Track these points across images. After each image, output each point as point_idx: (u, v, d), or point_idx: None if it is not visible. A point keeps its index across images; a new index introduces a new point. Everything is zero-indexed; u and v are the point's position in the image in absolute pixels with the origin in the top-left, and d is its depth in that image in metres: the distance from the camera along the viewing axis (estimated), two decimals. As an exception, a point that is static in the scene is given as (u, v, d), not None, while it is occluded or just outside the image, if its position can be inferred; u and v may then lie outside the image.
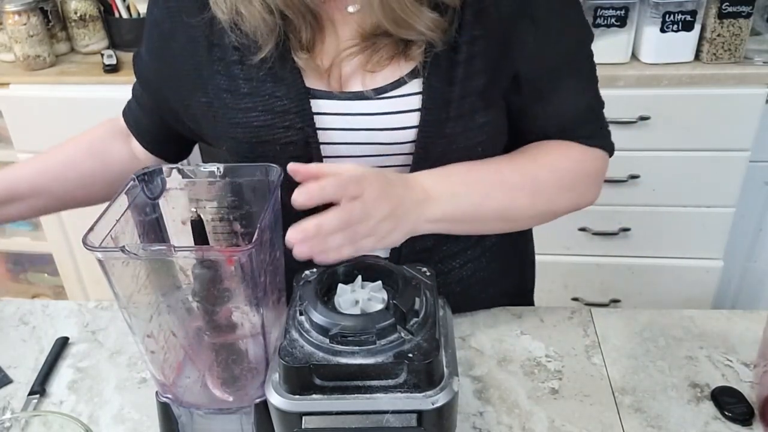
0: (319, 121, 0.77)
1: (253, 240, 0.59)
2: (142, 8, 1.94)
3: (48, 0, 1.92)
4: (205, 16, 0.77)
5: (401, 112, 0.76)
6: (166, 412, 0.71)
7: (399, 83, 0.76)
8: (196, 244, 0.72)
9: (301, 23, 0.75)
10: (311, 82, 0.77)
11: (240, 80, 0.77)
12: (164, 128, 0.91)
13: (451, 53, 0.74)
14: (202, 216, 0.71)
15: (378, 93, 0.76)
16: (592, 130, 0.84)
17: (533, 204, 0.80)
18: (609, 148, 0.86)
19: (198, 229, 0.72)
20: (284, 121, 0.77)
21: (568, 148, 0.83)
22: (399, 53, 0.75)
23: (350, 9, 0.75)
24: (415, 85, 0.76)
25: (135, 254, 0.60)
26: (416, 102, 0.75)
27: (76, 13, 1.93)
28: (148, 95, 0.90)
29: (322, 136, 0.78)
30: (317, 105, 0.77)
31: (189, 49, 0.79)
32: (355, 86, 0.77)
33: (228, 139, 0.80)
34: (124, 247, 0.59)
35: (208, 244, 0.73)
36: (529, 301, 1.04)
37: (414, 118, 0.76)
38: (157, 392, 0.71)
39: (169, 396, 0.70)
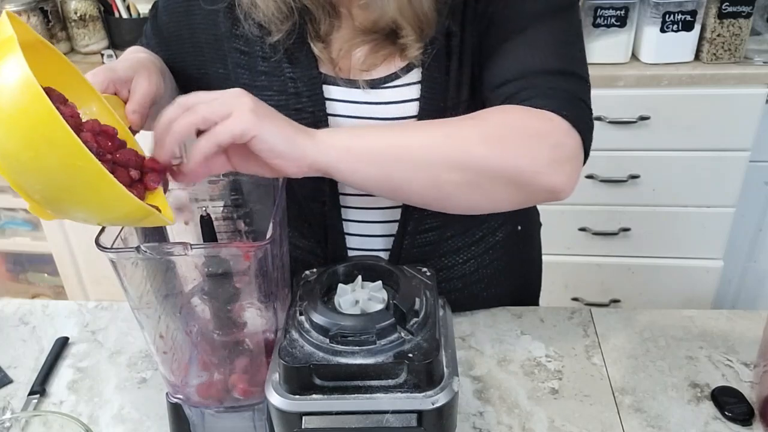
0: (330, 107, 0.78)
1: (269, 235, 0.60)
2: (142, 8, 1.94)
3: (48, 0, 1.92)
4: None
5: (401, 102, 0.77)
6: (177, 413, 0.71)
7: (396, 75, 0.77)
8: (205, 241, 0.72)
9: (321, 15, 0.76)
10: (324, 68, 0.78)
11: (258, 58, 0.78)
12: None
13: (445, 42, 0.75)
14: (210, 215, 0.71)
15: (381, 83, 0.77)
16: (542, 92, 0.69)
17: (447, 144, 0.66)
18: (567, 114, 0.68)
19: (207, 227, 0.72)
20: (297, 103, 0.78)
21: (507, 107, 0.70)
22: (396, 50, 0.76)
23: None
24: (415, 74, 0.76)
25: (150, 254, 0.60)
26: (415, 92, 0.76)
27: (76, 13, 1.93)
28: (164, 54, 0.88)
29: (332, 122, 0.78)
30: (328, 91, 0.78)
31: (211, 19, 0.80)
32: (362, 75, 0.78)
33: None
34: (139, 246, 0.59)
35: (217, 241, 0.73)
36: (533, 305, 1.04)
37: (413, 108, 0.76)
38: (167, 393, 0.71)
39: (180, 396, 0.70)
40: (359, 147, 0.66)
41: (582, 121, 0.69)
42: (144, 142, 0.67)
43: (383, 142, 0.67)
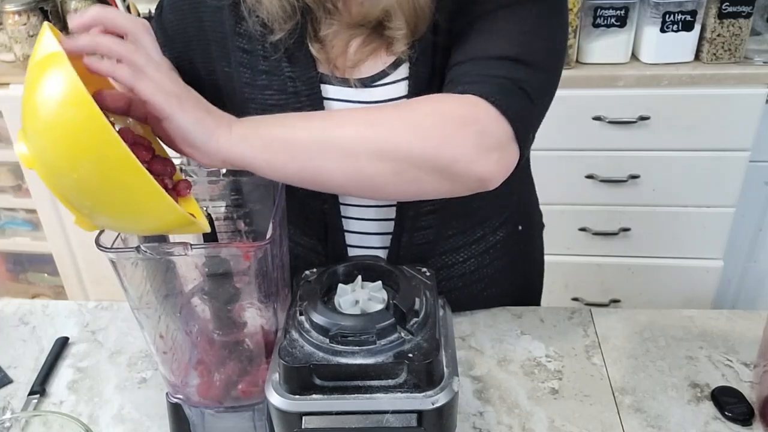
0: (328, 107, 0.78)
1: (269, 235, 0.60)
2: (142, 8, 1.94)
3: (48, 0, 1.92)
4: None
5: (391, 99, 0.77)
6: (177, 413, 0.71)
7: (385, 73, 0.77)
8: (205, 241, 0.72)
9: (321, 14, 0.76)
10: (322, 67, 0.78)
11: (259, 57, 0.78)
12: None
13: (432, 37, 0.74)
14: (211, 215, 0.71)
15: (371, 81, 0.77)
16: (479, 78, 0.68)
17: (367, 134, 0.64)
18: (496, 101, 0.65)
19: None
20: (296, 102, 0.78)
21: (435, 96, 0.69)
22: (382, 43, 0.76)
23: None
24: (403, 71, 0.76)
25: (150, 254, 0.60)
26: (404, 88, 0.76)
27: (76, 12, 1.93)
28: (170, 53, 0.87)
29: None
30: (326, 90, 0.78)
31: (218, 17, 0.80)
32: (356, 74, 0.78)
33: (242, 114, 0.80)
34: (139, 246, 0.59)
35: (217, 241, 0.73)
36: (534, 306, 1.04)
37: None
38: (167, 393, 0.71)
39: (180, 396, 0.70)
40: (275, 139, 0.64)
41: (514, 110, 0.66)
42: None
43: (302, 133, 0.64)
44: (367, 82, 0.77)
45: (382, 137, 0.64)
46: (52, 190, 0.54)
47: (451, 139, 0.64)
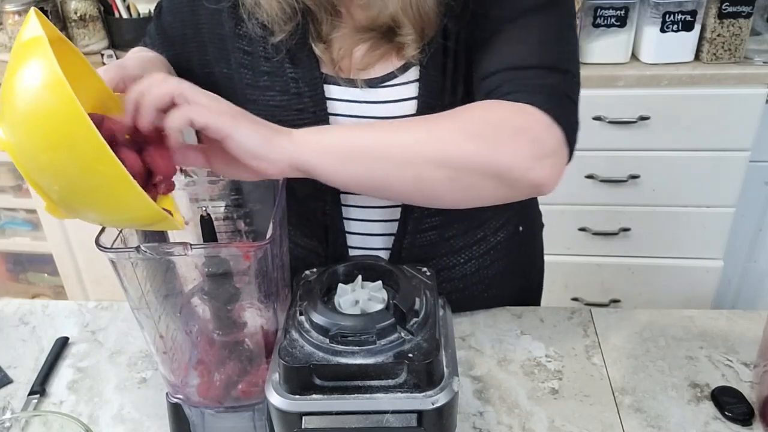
0: (331, 107, 0.78)
1: (269, 235, 0.60)
2: (142, 8, 1.94)
3: (48, 0, 1.92)
4: None
5: (399, 101, 0.77)
6: (177, 413, 0.71)
7: (394, 75, 0.77)
8: (205, 241, 0.72)
9: (322, 15, 0.76)
10: (325, 68, 0.78)
11: (261, 58, 0.78)
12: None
13: (442, 40, 0.75)
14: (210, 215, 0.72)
15: (379, 82, 0.77)
16: (524, 87, 0.69)
17: (427, 141, 0.66)
18: (548, 109, 0.67)
19: (207, 228, 0.72)
20: (299, 103, 0.78)
21: (487, 103, 0.70)
22: (392, 48, 0.76)
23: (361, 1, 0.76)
24: (412, 73, 0.76)
25: (150, 254, 0.60)
26: (413, 90, 0.76)
27: (76, 13, 1.93)
28: (168, 54, 0.88)
29: (333, 122, 0.78)
30: (329, 91, 0.78)
31: (216, 18, 0.80)
32: (363, 75, 0.78)
33: None
34: (139, 246, 0.59)
35: (217, 241, 0.73)
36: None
37: (411, 107, 0.77)
38: (167, 393, 0.71)
39: (180, 396, 0.70)
40: (340, 146, 0.65)
41: (564, 116, 0.68)
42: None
43: (364, 141, 0.66)
44: (375, 83, 0.77)
45: (440, 146, 0.65)
46: (22, 173, 0.53)
47: (508, 147, 0.65)
